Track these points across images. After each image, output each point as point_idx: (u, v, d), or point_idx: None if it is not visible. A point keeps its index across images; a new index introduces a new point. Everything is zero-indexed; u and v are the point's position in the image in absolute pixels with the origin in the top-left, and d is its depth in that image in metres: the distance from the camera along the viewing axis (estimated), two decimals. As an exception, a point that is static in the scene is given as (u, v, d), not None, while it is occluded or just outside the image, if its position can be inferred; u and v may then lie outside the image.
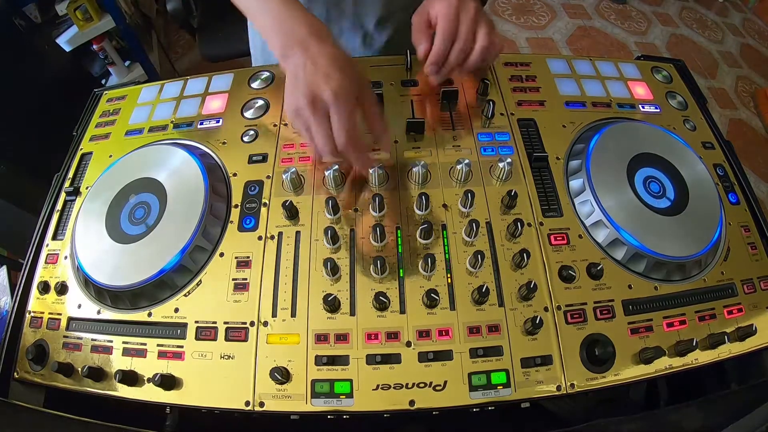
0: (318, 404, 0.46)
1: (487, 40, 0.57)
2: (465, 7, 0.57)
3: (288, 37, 0.51)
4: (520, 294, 0.50)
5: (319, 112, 0.48)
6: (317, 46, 0.49)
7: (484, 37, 0.57)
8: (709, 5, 2.82)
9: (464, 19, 0.56)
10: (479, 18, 0.57)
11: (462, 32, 0.56)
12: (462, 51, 0.57)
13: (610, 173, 0.57)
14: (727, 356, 0.51)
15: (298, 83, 0.49)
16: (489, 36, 0.57)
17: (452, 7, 0.56)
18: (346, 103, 0.48)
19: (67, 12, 1.69)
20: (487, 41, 0.57)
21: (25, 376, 0.52)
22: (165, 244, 0.53)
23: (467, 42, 0.56)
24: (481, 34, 0.57)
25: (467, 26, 0.56)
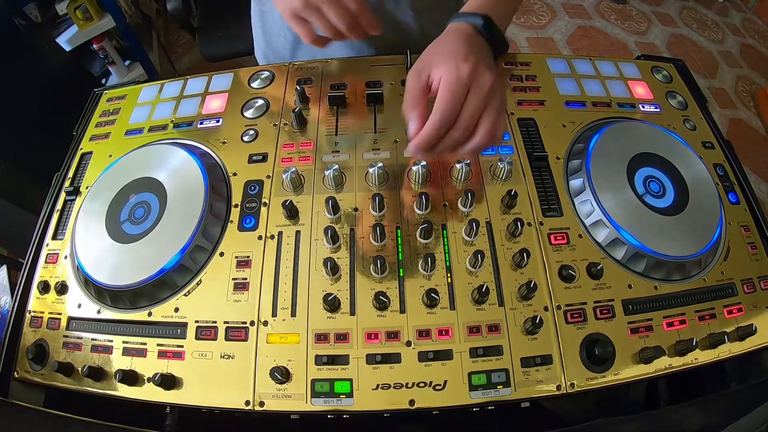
0: (318, 404, 0.46)
1: (493, 130, 0.47)
2: (478, 81, 0.46)
3: None
4: (520, 294, 0.50)
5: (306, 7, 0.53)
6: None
7: (489, 128, 0.46)
8: (709, 5, 2.82)
9: (472, 99, 0.46)
10: (491, 99, 0.46)
11: (464, 118, 0.46)
12: (458, 141, 0.47)
13: (610, 173, 0.57)
14: (727, 356, 0.51)
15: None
16: (496, 125, 0.47)
17: (460, 81, 0.45)
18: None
19: (67, 11, 1.69)
20: (492, 132, 0.47)
21: (25, 376, 0.52)
22: (165, 244, 0.53)
23: (467, 131, 0.47)
24: (486, 121, 0.46)
25: (472, 110, 0.46)
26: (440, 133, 0.46)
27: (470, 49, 0.48)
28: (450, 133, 0.47)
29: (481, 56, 0.48)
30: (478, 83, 0.46)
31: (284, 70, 0.71)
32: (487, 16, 0.51)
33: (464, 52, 0.47)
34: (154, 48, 2.17)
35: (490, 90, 0.46)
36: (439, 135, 0.46)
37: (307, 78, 0.69)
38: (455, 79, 0.45)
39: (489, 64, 0.48)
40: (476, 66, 0.46)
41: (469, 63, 0.46)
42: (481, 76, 0.46)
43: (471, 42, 0.49)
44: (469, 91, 0.46)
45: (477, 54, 0.47)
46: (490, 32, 0.51)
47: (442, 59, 0.47)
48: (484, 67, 0.47)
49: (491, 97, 0.46)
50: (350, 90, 0.67)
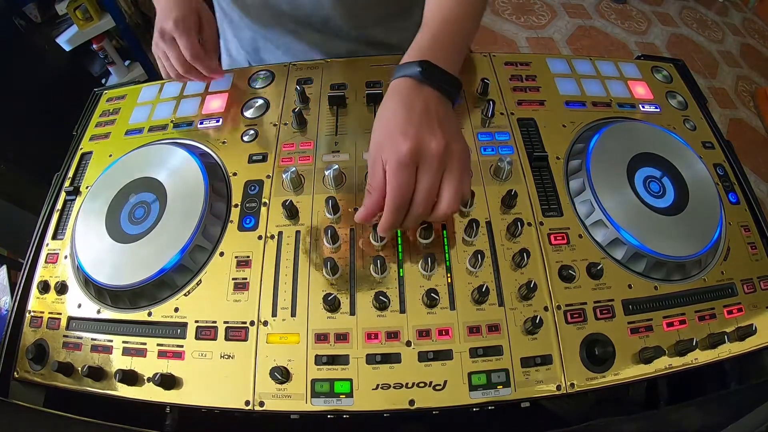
0: (318, 404, 0.46)
1: (456, 196, 0.44)
2: (424, 154, 0.42)
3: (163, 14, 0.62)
4: (520, 294, 0.50)
5: (167, 39, 0.61)
6: None
7: (451, 195, 0.44)
8: (709, 5, 2.82)
9: (422, 177, 0.43)
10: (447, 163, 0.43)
11: (418, 200, 0.43)
12: (418, 218, 0.46)
13: (610, 173, 0.57)
14: (727, 356, 0.51)
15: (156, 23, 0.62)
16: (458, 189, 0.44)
17: (402, 165, 0.42)
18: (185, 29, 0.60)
19: (67, 11, 1.69)
20: (455, 198, 0.44)
21: (25, 376, 0.52)
22: (165, 244, 0.53)
23: (426, 206, 0.44)
24: (446, 189, 0.43)
25: (426, 188, 0.43)
26: (398, 219, 0.45)
27: (409, 115, 0.44)
28: (410, 213, 0.45)
29: (425, 118, 0.44)
30: (425, 156, 0.43)
31: (284, 70, 0.71)
32: (423, 63, 0.46)
33: (402, 124, 0.43)
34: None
35: (441, 157, 0.42)
36: (397, 221, 0.45)
37: (307, 78, 0.69)
38: (397, 164, 0.42)
39: (438, 120, 0.44)
40: (417, 138, 0.42)
41: (408, 139, 0.42)
42: (426, 146, 0.42)
43: (411, 103, 0.45)
44: (418, 168, 0.43)
45: (419, 118, 0.44)
46: (432, 78, 0.46)
47: (385, 139, 0.44)
48: (428, 134, 0.43)
49: (446, 162, 0.43)
50: (350, 90, 0.67)
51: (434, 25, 0.51)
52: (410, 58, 0.48)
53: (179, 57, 0.61)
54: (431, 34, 0.50)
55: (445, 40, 0.50)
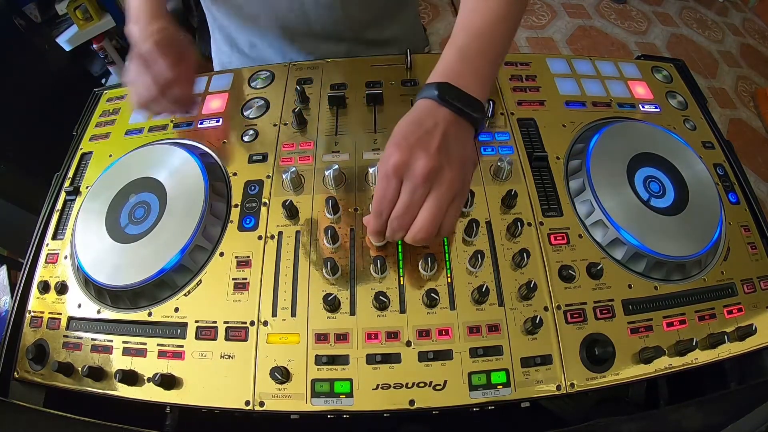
0: (318, 404, 0.46)
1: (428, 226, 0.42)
2: (409, 170, 0.42)
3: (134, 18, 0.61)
4: (520, 294, 0.50)
5: (140, 61, 0.58)
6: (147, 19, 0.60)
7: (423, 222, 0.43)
8: (709, 5, 2.82)
9: (402, 196, 0.43)
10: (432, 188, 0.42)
11: (393, 214, 0.44)
12: (394, 233, 0.45)
13: (610, 173, 0.57)
14: (727, 356, 0.51)
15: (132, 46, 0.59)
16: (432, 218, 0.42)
17: (385, 174, 0.43)
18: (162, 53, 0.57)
19: (67, 11, 1.69)
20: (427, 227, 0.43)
21: (25, 376, 0.52)
22: (165, 244, 0.53)
23: (403, 222, 0.44)
24: (422, 213, 0.43)
25: (404, 203, 0.43)
26: (378, 225, 0.46)
27: (411, 131, 0.43)
28: (388, 231, 0.46)
29: (426, 137, 0.42)
30: (409, 173, 0.42)
31: (284, 70, 0.71)
32: (442, 85, 0.45)
33: (400, 137, 0.43)
34: (154, 48, 2.16)
35: (424, 178, 0.41)
36: (378, 227, 0.46)
37: (307, 78, 0.69)
38: (383, 173, 0.43)
39: (439, 143, 0.42)
40: (406, 153, 0.42)
41: (398, 152, 0.42)
42: (414, 163, 0.41)
43: (420, 121, 0.44)
44: (402, 183, 0.43)
45: (419, 136, 0.43)
46: (448, 102, 0.44)
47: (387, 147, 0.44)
48: (420, 152, 0.41)
49: (431, 185, 0.42)
50: (350, 90, 0.67)
51: (464, 36, 0.48)
52: (433, 77, 0.46)
53: (152, 79, 0.57)
54: (458, 48, 0.47)
55: (474, 57, 0.47)
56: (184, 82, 0.59)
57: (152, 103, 0.59)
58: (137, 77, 0.58)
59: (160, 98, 0.58)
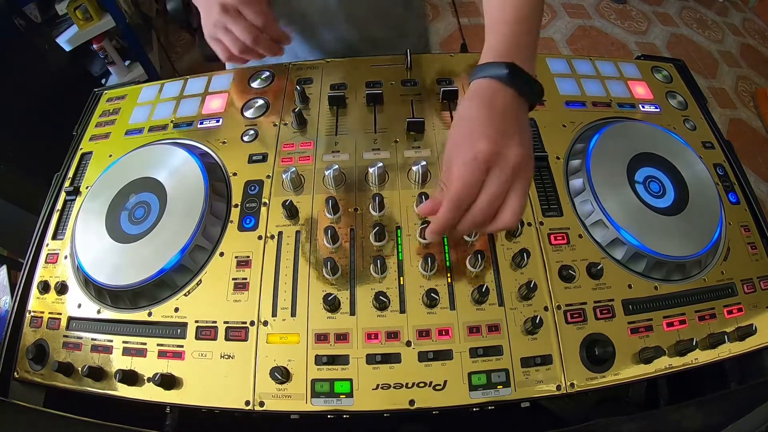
0: (318, 404, 0.46)
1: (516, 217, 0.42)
2: (501, 160, 0.40)
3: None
4: (520, 293, 0.50)
5: (231, 13, 0.57)
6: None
7: (515, 210, 0.41)
8: (709, 5, 2.82)
9: (491, 183, 0.41)
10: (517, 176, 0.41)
11: (480, 204, 0.41)
12: (476, 225, 0.43)
13: (610, 173, 0.57)
14: (727, 356, 0.51)
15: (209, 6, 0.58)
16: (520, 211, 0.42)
17: (474, 164, 0.40)
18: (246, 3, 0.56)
19: (67, 11, 1.69)
20: (514, 219, 0.42)
21: (25, 376, 0.52)
22: (165, 244, 0.53)
23: (485, 215, 0.42)
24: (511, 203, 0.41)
25: (491, 195, 0.41)
26: (454, 218, 0.43)
27: (491, 118, 0.42)
28: (467, 217, 0.42)
29: (507, 122, 0.42)
30: (502, 162, 0.40)
31: (284, 70, 0.71)
32: (511, 64, 0.43)
33: (483, 125, 0.41)
34: (154, 48, 2.17)
35: (516, 167, 0.40)
36: (452, 220, 0.43)
37: (307, 78, 0.69)
38: (471, 160, 0.40)
39: (520, 128, 0.42)
40: (497, 141, 0.40)
41: (487, 140, 0.40)
42: (506, 152, 0.40)
43: (494, 106, 0.42)
44: (489, 172, 0.41)
45: (500, 121, 0.41)
46: (518, 82, 0.43)
47: (464, 138, 0.42)
48: (509, 140, 0.41)
49: (518, 175, 0.41)
50: (350, 90, 0.67)
51: (507, 25, 0.47)
52: (491, 56, 0.45)
53: (247, 28, 0.57)
54: (506, 35, 0.46)
55: (522, 41, 0.46)
56: (274, 23, 0.59)
57: (246, 53, 0.59)
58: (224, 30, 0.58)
59: (256, 45, 0.58)
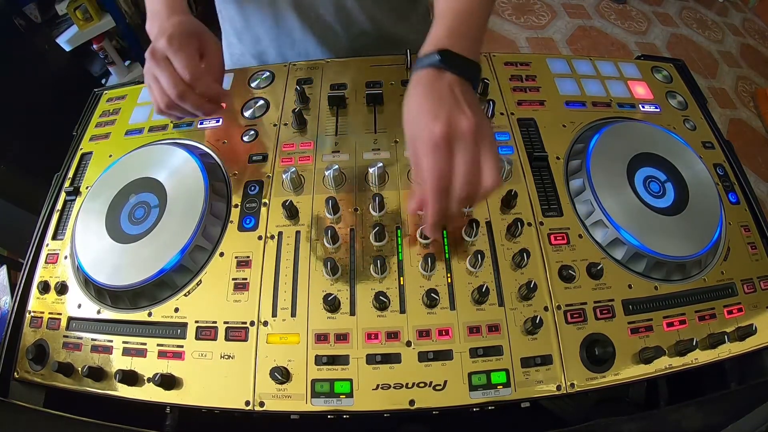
0: (318, 404, 0.46)
1: (496, 176, 0.43)
2: (457, 133, 0.42)
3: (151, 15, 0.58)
4: (520, 294, 0.50)
5: (159, 60, 0.53)
6: (166, 14, 0.56)
7: (493, 176, 0.43)
8: (709, 5, 2.82)
9: (459, 156, 0.42)
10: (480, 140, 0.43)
11: (459, 181, 0.43)
12: (465, 200, 0.44)
13: (610, 173, 0.57)
14: (727, 356, 0.51)
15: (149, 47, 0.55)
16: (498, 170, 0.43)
17: (438, 148, 0.42)
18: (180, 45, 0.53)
19: (67, 12, 1.69)
20: (496, 178, 0.43)
21: (25, 376, 0.52)
22: (165, 244, 0.53)
23: (472, 188, 0.43)
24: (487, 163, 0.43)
25: (465, 167, 0.42)
26: (443, 206, 0.44)
27: (435, 100, 0.44)
28: (453, 197, 0.44)
29: (451, 100, 0.44)
30: (459, 135, 0.42)
31: (284, 70, 0.71)
32: (442, 51, 0.46)
33: (431, 109, 0.43)
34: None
35: (473, 134, 0.42)
36: (443, 209, 0.44)
37: (307, 78, 0.69)
38: (433, 147, 0.42)
39: (464, 101, 0.44)
40: (448, 119, 0.42)
41: (439, 121, 0.42)
42: (458, 125, 0.42)
43: (434, 89, 0.45)
44: (453, 149, 0.42)
45: (446, 101, 0.43)
46: (452, 64, 0.45)
47: (418, 129, 0.44)
48: (457, 113, 0.43)
49: (479, 139, 0.43)
50: (350, 90, 0.67)
51: (448, 17, 0.50)
52: (428, 49, 0.48)
53: (173, 77, 0.52)
54: (446, 26, 0.49)
55: (461, 31, 0.49)
56: (206, 78, 0.54)
57: (172, 109, 0.55)
58: (153, 79, 0.54)
59: (181, 100, 0.53)
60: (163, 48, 0.52)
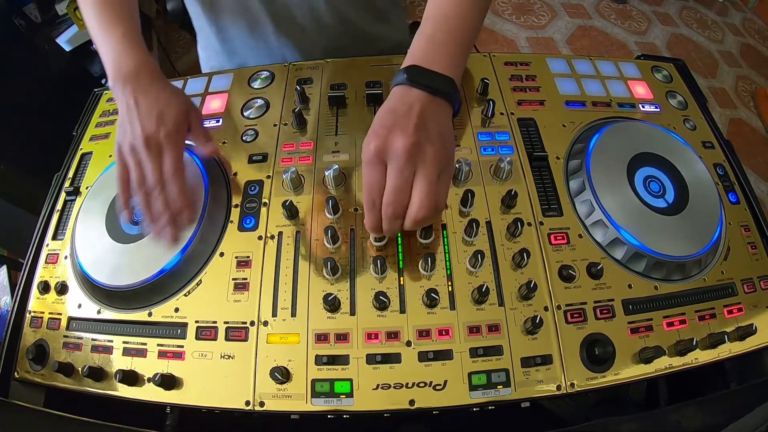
0: (318, 404, 0.46)
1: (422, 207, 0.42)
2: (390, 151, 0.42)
3: (119, 71, 0.53)
4: (520, 293, 0.50)
5: (153, 150, 0.50)
6: (146, 81, 0.52)
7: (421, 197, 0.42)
8: (709, 5, 2.82)
9: (389, 178, 0.42)
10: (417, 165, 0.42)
11: (385, 200, 0.43)
12: (391, 218, 0.43)
13: (610, 173, 0.57)
14: (727, 356, 0.51)
15: (132, 119, 0.51)
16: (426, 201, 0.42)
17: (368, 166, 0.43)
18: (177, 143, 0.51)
19: (67, 12, 1.69)
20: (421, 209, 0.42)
21: (26, 376, 0.52)
22: (165, 244, 0.53)
23: (395, 208, 0.43)
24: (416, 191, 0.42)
25: (393, 184, 0.42)
26: (375, 215, 0.44)
27: (388, 117, 0.44)
28: (383, 221, 0.44)
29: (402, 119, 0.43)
30: (390, 154, 0.42)
31: (284, 70, 0.71)
32: (410, 68, 0.45)
33: (377, 125, 0.44)
34: (154, 48, 2.16)
35: (406, 155, 0.41)
36: (375, 217, 0.44)
37: (307, 78, 0.69)
38: (366, 162, 0.43)
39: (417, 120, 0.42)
40: (384, 137, 0.42)
41: (376, 138, 0.42)
42: (392, 143, 0.42)
43: (395, 107, 0.44)
44: (385, 167, 0.43)
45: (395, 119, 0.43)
46: (418, 81, 0.45)
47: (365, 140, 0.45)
48: (397, 132, 0.42)
49: (415, 162, 0.42)
50: (350, 90, 0.67)
51: (432, 22, 0.49)
52: (404, 63, 0.47)
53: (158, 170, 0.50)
54: (427, 34, 0.48)
55: (442, 38, 0.48)
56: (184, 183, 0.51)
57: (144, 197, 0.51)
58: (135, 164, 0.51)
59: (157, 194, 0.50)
60: (161, 138, 0.51)
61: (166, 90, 0.54)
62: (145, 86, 0.52)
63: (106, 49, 0.54)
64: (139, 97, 0.52)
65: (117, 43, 0.54)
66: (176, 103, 0.53)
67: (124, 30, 0.55)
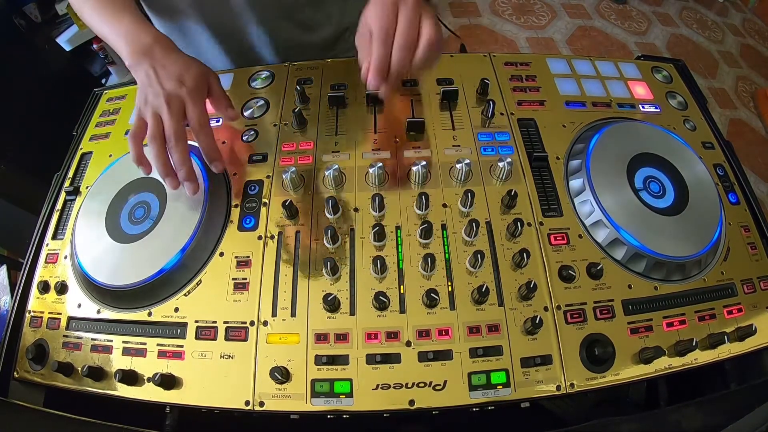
0: (318, 404, 0.46)
1: (433, 31, 0.49)
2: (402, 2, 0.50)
3: (136, 46, 0.55)
4: (520, 294, 0.50)
5: (174, 106, 0.52)
6: (162, 52, 0.55)
7: (430, 29, 0.49)
8: (709, 5, 2.82)
9: (402, 15, 0.49)
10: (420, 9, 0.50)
11: (402, 27, 0.49)
12: (405, 47, 0.49)
13: (610, 173, 0.57)
14: (726, 356, 0.51)
15: (152, 83, 0.53)
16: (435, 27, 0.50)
17: (386, 5, 0.49)
18: (200, 100, 0.54)
19: (67, 11, 1.69)
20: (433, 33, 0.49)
21: (25, 376, 0.52)
22: (165, 244, 0.53)
23: (410, 36, 0.49)
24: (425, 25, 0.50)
25: (406, 22, 0.49)
26: (387, 49, 0.49)
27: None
28: (395, 44, 0.49)
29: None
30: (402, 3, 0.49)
31: (284, 70, 0.71)
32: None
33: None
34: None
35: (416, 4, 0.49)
36: (387, 52, 0.49)
37: (307, 78, 0.69)
38: (381, 6, 0.49)
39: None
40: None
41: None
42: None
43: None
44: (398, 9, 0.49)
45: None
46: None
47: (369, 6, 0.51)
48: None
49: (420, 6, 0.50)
50: (350, 90, 0.67)
51: None
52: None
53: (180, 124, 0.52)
54: None
55: None
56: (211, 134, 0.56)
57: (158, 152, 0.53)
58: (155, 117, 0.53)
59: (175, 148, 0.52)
60: (185, 94, 0.53)
61: (184, 57, 0.57)
62: (163, 56, 0.54)
63: (117, 35, 0.56)
64: (157, 65, 0.54)
65: (129, 25, 0.56)
66: (195, 66, 0.56)
67: (131, 15, 0.57)
